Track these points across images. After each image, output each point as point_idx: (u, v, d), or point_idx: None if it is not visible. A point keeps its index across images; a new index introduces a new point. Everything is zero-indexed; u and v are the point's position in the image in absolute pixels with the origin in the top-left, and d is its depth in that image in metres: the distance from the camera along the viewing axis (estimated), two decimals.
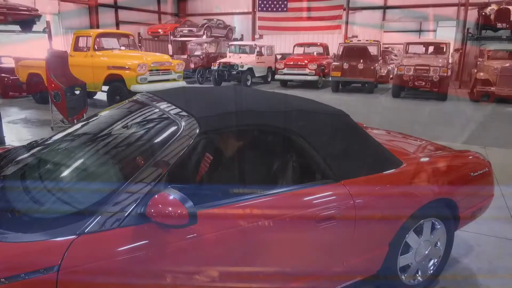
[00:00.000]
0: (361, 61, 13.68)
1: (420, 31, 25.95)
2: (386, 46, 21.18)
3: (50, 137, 2.26)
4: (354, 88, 15.26)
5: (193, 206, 1.42)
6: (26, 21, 12.31)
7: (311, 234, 1.86)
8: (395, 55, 20.14)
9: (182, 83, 10.16)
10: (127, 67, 8.87)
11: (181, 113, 1.85)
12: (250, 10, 23.31)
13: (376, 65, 13.84)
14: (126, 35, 10.83)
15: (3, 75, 12.07)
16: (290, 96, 2.52)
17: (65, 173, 1.76)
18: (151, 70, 9.18)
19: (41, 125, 7.88)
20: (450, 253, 2.63)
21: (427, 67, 11.72)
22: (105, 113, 2.30)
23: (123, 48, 10.76)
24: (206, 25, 19.97)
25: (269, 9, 22.58)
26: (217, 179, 2.05)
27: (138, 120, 2.05)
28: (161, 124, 1.87)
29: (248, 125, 1.94)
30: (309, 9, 21.45)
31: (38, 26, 12.55)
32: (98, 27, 19.49)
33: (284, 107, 2.10)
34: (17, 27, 12.52)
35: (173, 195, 1.44)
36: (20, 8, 12.29)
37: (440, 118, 9.11)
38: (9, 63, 12.60)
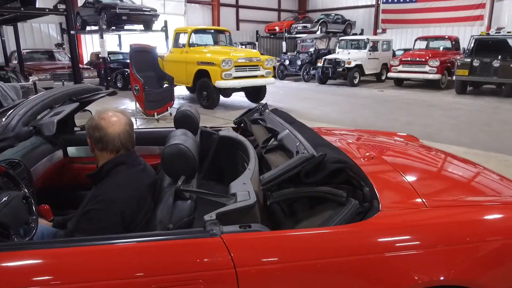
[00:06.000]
0: (499, 57, 11.07)
1: None
2: None
3: None
4: (487, 90, 12.53)
5: None
6: (147, 20, 13.59)
7: None
8: None
9: (270, 80, 9.69)
10: (213, 62, 8.82)
11: None
12: (374, 3, 21.47)
13: None
14: (222, 31, 10.87)
15: (124, 69, 13.53)
16: None
17: None
18: (238, 66, 8.94)
19: (131, 116, 8.37)
20: None
21: None
22: None
23: (222, 43, 10.87)
24: (322, 20, 19.11)
25: (396, 0, 20.38)
26: None
27: None
28: None
29: None
30: None
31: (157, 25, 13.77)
32: (219, 25, 20.49)
33: None
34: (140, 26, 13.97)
35: None
36: (143, 9, 13.62)
37: None
38: None
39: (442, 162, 2.11)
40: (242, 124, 2.63)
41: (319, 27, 18.85)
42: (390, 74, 13.91)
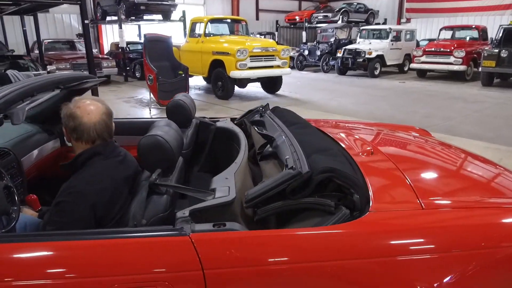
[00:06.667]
0: None
1: None
2: None
3: None
4: None
5: None
6: (165, 10, 13.58)
7: None
8: None
9: (287, 70, 9.52)
10: (228, 52, 8.71)
11: None
12: None
13: None
14: (239, 21, 10.73)
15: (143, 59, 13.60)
16: None
17: None
18: (253, 56, 8.80)
19: (146, 106, 8.39)
20: None
21: None
22: None
23: (240, 33, 10.73)
24: (344, 9, 18.62)
25: None
26: None
27: None
28: None
29: None
30: None
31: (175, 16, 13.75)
32: (238, 15, 20.30)
33: None
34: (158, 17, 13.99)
35: None
36: None
37: None
38: None
39: (449, 158, 1.95)
40: (243, 126, 2.54)
41: (341, 16, 18.34)
42: (412, 65, 13.44)
